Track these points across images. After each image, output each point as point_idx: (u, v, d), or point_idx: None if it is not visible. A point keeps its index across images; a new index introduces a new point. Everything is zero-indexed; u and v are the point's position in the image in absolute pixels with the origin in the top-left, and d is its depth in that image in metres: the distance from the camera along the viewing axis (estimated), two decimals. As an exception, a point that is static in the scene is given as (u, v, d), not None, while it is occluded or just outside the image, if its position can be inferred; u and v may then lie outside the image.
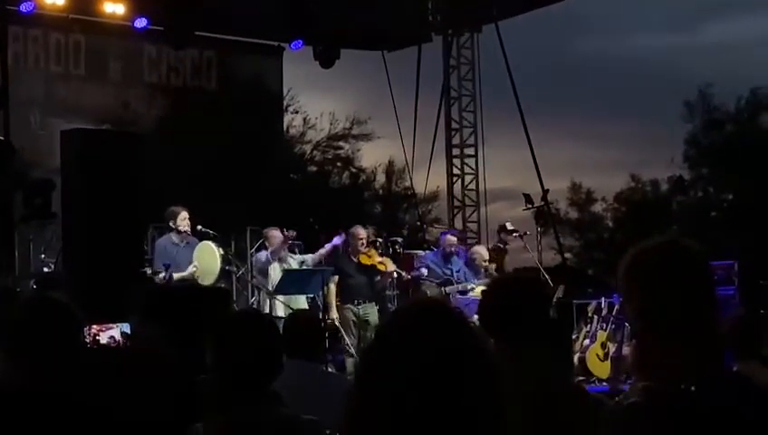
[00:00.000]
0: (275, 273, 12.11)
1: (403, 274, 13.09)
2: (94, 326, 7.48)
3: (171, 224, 11.47)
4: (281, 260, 12.28)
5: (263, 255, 12.38)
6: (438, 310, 2.00)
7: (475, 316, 11.75)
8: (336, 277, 12.32)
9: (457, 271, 12.79)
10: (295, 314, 7.03)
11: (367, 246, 12.64)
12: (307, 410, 3.65)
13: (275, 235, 12.37)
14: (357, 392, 1.97)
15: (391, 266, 12.75)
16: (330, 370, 9.06)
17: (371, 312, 12.24)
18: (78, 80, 16.81)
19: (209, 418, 3.39)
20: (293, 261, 12.51)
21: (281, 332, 5.72)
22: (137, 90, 17.64)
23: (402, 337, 1.94)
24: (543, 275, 12.72)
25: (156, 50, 17.64)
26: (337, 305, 12.32)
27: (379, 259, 12.62)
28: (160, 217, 12.00)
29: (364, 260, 12.41)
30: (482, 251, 13.54)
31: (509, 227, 14.01)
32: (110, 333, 7.42)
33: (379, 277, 12.66)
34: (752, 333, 5.74)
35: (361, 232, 12.60)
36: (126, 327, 7.58)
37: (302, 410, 3.64)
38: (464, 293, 12.61)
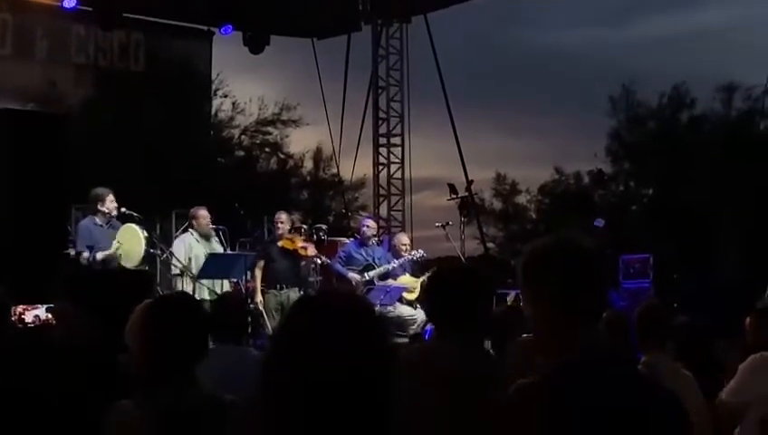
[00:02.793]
0: (199, 256, 12.12)
1: (322, 258, 13.25)
2: (20, 306, 7.52)
3: (99, 206, 11.38)
4: (207, 239, 12.27)
5: (178, 246, 12.27)
6: (342, 301, 2.17)
7: (397, 303, 11.88)
8: (262, 262, 12.44)
9: (379, 257, 12.96)
10: (224, 298, 7.13)
11: (290, 231, 12.79)
12: (238, 394, 3.73)
13: (203, 214, 12.39)
14: (264, 376, 2.12)
15: (312, 251, 12.90)
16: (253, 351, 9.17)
17: (294, 297, 12.34)
18: (4, 59, 16.65)
19: (134, 398, 3.47)
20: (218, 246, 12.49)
21: (211, 313, 5.87)
22: (64, 70, 17.51)
23: (304, 328, 2.10)
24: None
25: (84, 30, 17.53)
26: (261, 290, 12.44)
27: (302, 244, 12.76)
28: (83, 199, 11.96)
29: (287, 245, 12.55)
30: (402, 238, 13.77)
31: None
32: (35, 313, 7.47)
33: (303, 262, 12.83)
34: (658, 324, 5.90)
35: (283, 216, 12.79)
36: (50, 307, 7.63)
37: (233, 394, 3.71)
38: (384, 278, 12.78)
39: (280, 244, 12.54)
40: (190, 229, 12.42)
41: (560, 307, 2.73)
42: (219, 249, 12.37)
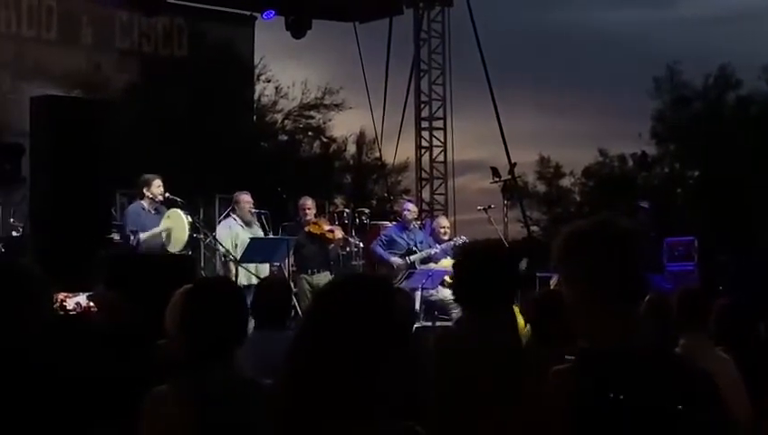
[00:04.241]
0: (244, 241, 12.20)
1: (350, 240, 13.34)
2: (61, 293, 7.61)
3: (145, 191, 11.49)
4: (248, 225, 12.36)
5: (222, 229, 12.36)
6: (370, 284, 2.20)
7: (439, 287, 11.89)
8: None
9: (420, 241, 12.97)
10: (267, 283, 7.01)
11: (316, 215, 12.90)
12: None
13: (245, 199, 12.46)
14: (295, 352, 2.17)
15: (340, 234, 13.00)
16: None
17: (325, 280, 12.38)
18: (50, 44, 16.81)
19: (171, 382, 3.51)
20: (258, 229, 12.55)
21: (255, 298, 5.86)
22: (108, 55, 17.61)
23: (335, 307, 2.14)
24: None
25: (127, 16, 17.66)
26: (293, 275, 12.52)
27: (329, 228, 12.86)
28: (128, 184, 12.06)
29: (313, 229, 12.67)
30: (442, 221, 13.77)
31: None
32: (77, 300, 7.55)
33: (331, 246, 12.92)
34: (698, 308, 5.87)
35: (308, 202, 12.85)
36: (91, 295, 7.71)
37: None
38: (426, 262, 12.79)
39: (307, 229, 12.62)
40: (232, 214, 12.50)
41: (595, 290, 2.70)
42: (260, 233, 12.43)
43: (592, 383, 2.58)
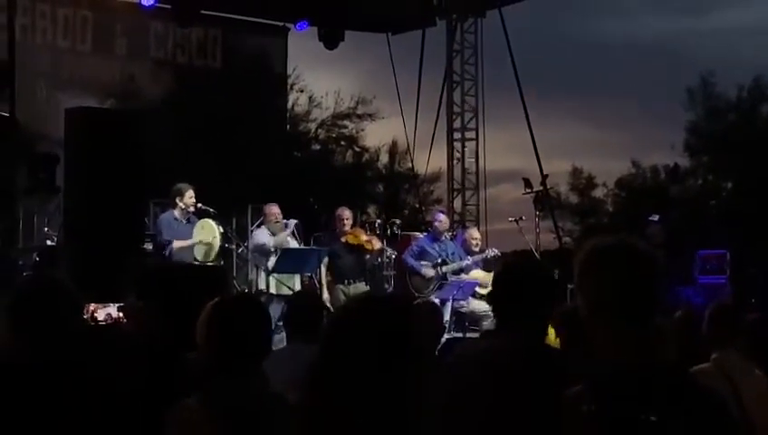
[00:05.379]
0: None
1: (389, 251, 13.34)
2: (92, 304, 7.67)
3: (177, 201, 11.58)
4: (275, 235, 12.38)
5: (260, 235, 12.50)
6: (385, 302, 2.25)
7: (470, 298, 11.89)
8: (326, 259, 12.53)
9: (452, 253, 12.98)
10: (299, 297, 7.10)
11: (353, 226, 12.90)
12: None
13: (272, 211, 12.49)
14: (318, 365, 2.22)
15: (378, 244, 12.99)
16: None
17: (363, 289, 12.43)
18: (85, 55, 16.98)
19: (197, 395, 3.56)
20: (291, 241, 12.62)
21: (287, 311, 5.93)
22: (142, 65, 17.78)
23: (351, 323, 2.20)
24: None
25: (162, 26, 17.81)
26: (328, 285, 12.54)
27: (366, 238, 12.84)
28: (162, 193, 12.15)
29: (351, 240, 12.64)
30: (474, 233, 13.81)
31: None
32: (107, 311, 7.61)
33: (368, 256, 12.92)
34: (730, 323, 5.84)
35: (346, 213, 12.82)
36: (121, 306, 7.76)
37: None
38: (458, 273, 12.81)
39: (344, 239, 12.61)
40: (263, 225, 12.56)
41: (601, 308, 2.77)
42: (293, 244, 12.48)
43: (598, 408, 2.62)
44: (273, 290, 11.68)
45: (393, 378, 2.13)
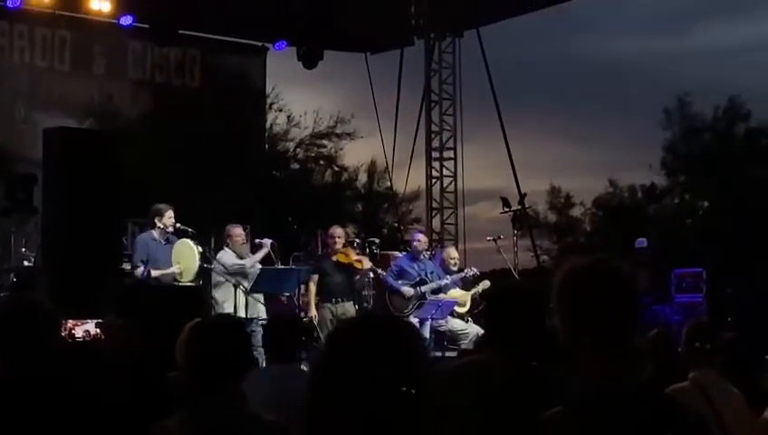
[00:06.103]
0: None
1: (379, 271, 13.32)
2: (70, 321, 7.66)
3: (157, 221, 11.45)
4: (241, 259, 12.26)
5: (226, 256, 12.19)
6: (382, 323, 2.26)
7: (448, 317, 11.91)
8: (316, 276, 12.49)
9: (431, 272, 13.00)
10: (278, 320, 7.19)
11: (344, 245, 12.85)
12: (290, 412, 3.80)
13: (236, 232, 12.35)
14: (312, 394, 2.23)
15: (368, 264, 12.96)
16: (304, 368, 9.25)
17: (349, 310, 12.40)
18: (63, 75, 16.95)
19: (178, 415, 3.58)
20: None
21: (265, 334, 6.02)
22: (121, 85, 17.75)
23: (346, 347, 2.21)
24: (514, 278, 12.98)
25: (140, 46, 17.80)
26: (316, 304, 12.49)
27: (356, 257, 12.80)
28: (140, 213, 12.09)
29: (341, 259, 12.58)
30: (452, 252, 13.85)
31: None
32: (85, 328, 7.59)
33: (358, 276, 12.90)
34: (707, 342, 5.86)
35: (338, 231, 12.77)
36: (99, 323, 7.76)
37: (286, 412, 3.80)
38: (437, 292, 12.84)
39: (334, 258, 12.56)
40: (225, 247, 12.42)
41: (586, 329, 2.79)
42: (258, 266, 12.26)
43: (579, 428, 2.64)
44: (262, 315, 11.61)
45: (393, 395, 2.14)
